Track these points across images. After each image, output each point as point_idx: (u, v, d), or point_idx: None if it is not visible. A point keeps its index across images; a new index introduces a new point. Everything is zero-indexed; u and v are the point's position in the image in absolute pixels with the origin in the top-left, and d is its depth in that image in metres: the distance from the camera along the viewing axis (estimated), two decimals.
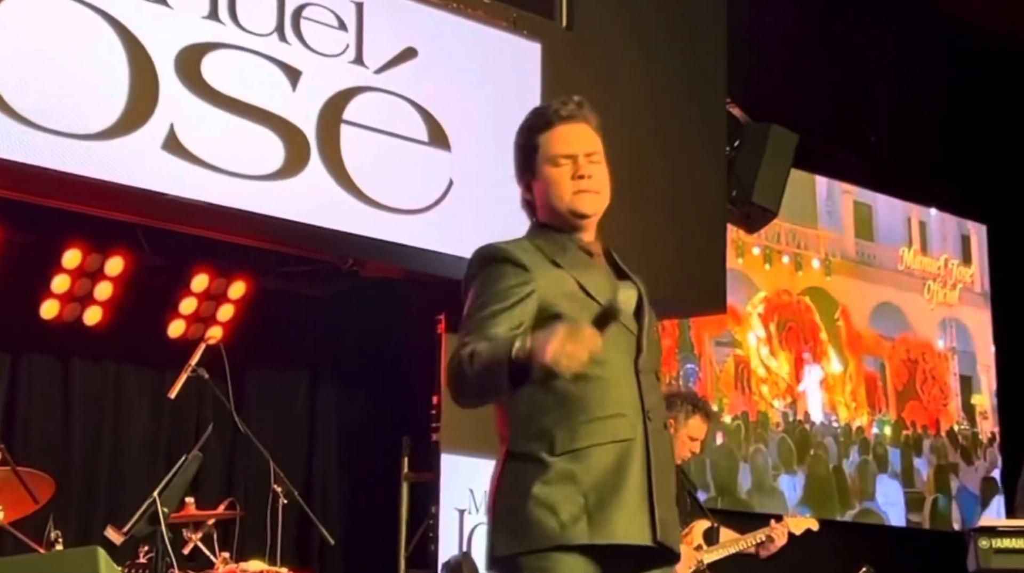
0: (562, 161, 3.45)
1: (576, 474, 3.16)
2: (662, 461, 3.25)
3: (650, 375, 3.32)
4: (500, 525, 3.22)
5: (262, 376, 7.80)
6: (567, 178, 3.45)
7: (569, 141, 3.46)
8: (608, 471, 3.17)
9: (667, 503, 3.24)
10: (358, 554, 7.85)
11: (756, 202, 8.48)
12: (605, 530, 3.13)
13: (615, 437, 3.21)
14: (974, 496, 10.90)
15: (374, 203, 6.77)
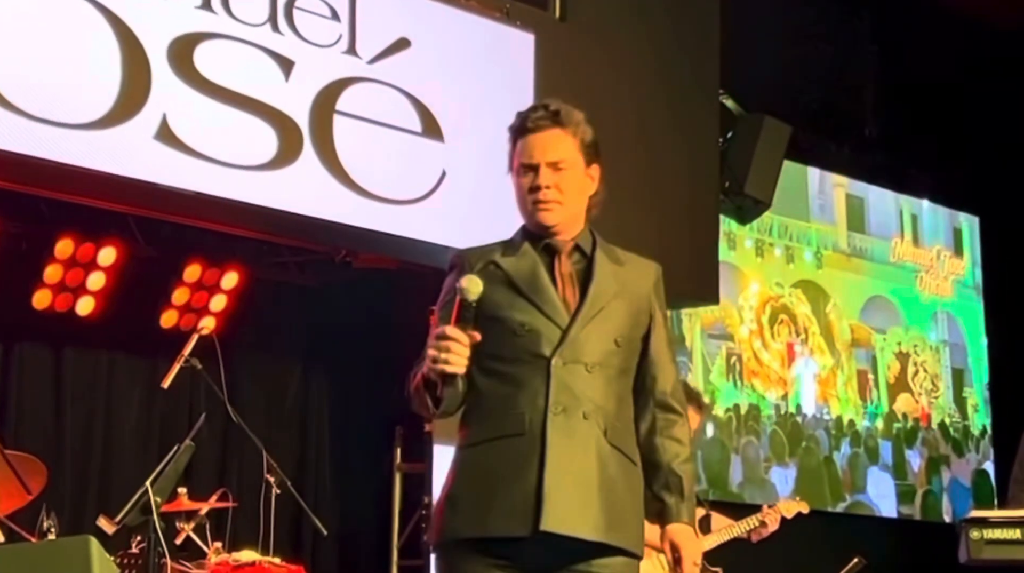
0: (525, 171, 3.46)
1: (472, 469, 3.30)
2: (571, 453, 3.26)
3: (576, 367, 3.33)
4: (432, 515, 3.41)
5: (255, 366, 7.80)
6: (526, 189, 3.46)
7: (532, 151, 3.45)
8: (493, 466, 3.27)
9: (575, 494, 3.24)
10: (351, 544, 7.86)
11: (749, 193, 8.50)
12: (480, 524, 3.24)
13: (503, 432, 3.28)
14: (966, 489, 10.93)
15: (367, 194, 6.77)
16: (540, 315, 3.35)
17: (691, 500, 3.46)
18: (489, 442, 3.29)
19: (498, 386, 3.32)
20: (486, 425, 3.31)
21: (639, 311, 3.49)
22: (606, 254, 3.58)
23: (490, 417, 3.31)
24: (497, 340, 3.31)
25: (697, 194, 8.25)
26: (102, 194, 6.31)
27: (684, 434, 3.48)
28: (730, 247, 9.41)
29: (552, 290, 3.41)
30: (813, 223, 10.33)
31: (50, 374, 7.14)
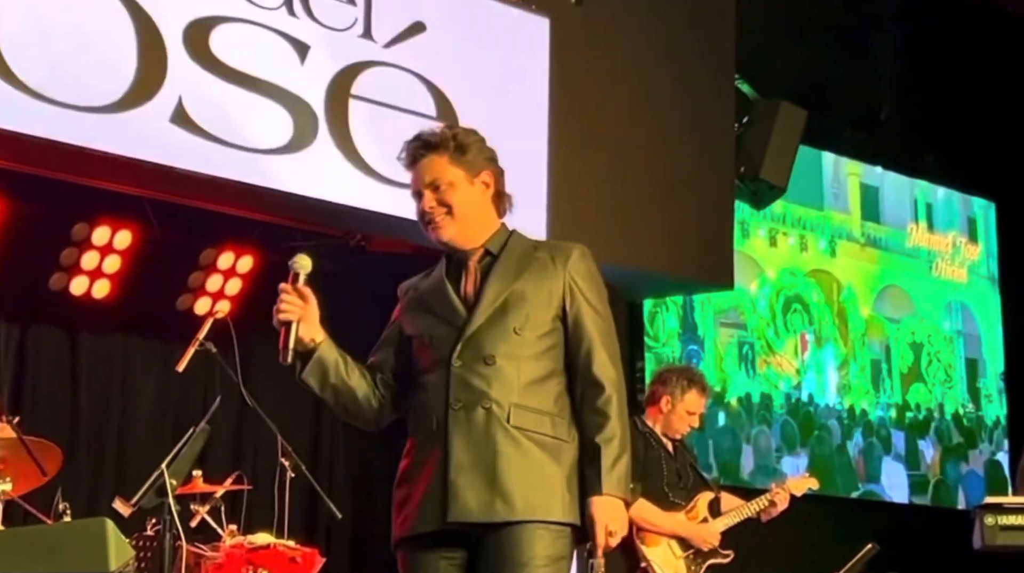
0: (415, 199, 3.79)
1: (401, 475, 3.61)
2: (471, 445, 3.49)
3: (476, 363, 3.55)
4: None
5: (269, 350, 7.72)
6: (417, 215, 3.80)
7: (413, 180, 3.76)
8: (410, 469, 3.58)
9: (482, 481, 3.46)
10: (365, 528, 7.87)
11: (764, 178, 8.48)
12: (405, 524, 3.54)
13: (418, 436, 3.60)
14: (980, 479, 10.89)
15: (382, 178, 6.77)
16: (442, 323, 3.63)
17: (614, 469, 3.52)
18: (412, 448, 3.59)
19: (418, 396, 3.62)
20: (410, 432, 3.62)
21: (550, 294, 3.64)
22: (516, 248, 3.76)
23: (412, 425, 3.61)
24: (417, 355, 3.66)
25: (712, 179, 8.24)
26: (118, 177, 6.32)
27: (608, 405, 3.56)
28: (744, 236, 9.39)
29: (451, 297, 3.68)
30: (827, 212, 10.30)
31: (66, 357, 7.16)
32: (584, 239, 7.72)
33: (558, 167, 7.45)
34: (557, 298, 3.64)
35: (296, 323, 3.79)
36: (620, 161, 7.74)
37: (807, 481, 6.65)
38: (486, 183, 3.80)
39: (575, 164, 7.53)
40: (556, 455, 3.52)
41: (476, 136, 3.81)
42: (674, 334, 9.14)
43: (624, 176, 7.76)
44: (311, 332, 3.84)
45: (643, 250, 7.86)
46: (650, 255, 7.92)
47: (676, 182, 7.99)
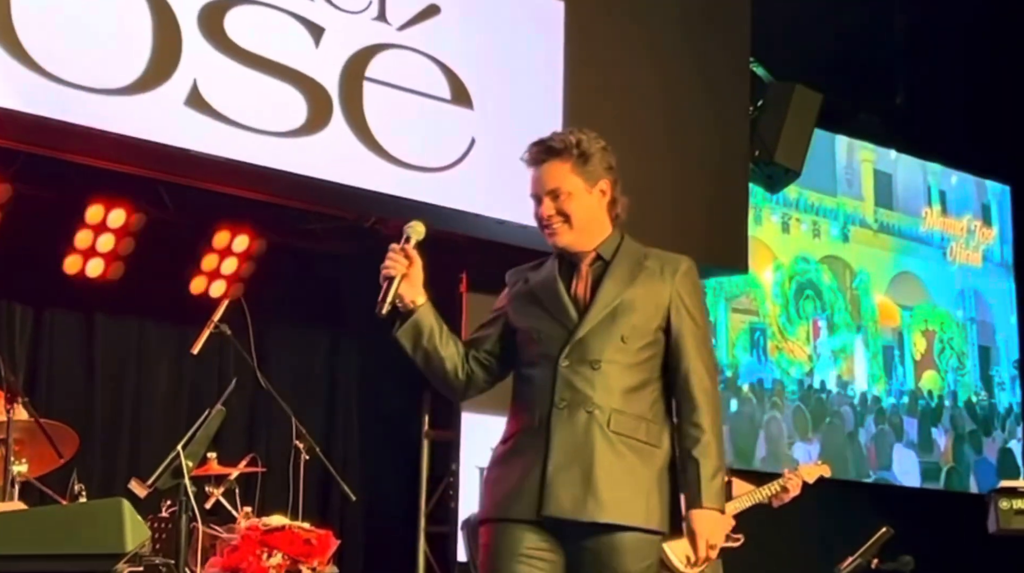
0: (534, 202, 3.90)
1: (500, 460, 3.79)
2: (573, 444, 3.66)
3: (581, 365, 3.72)
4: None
5: (283, 333, 7.82)
6: (535, 219, 3.91)
7: (533, 184, 3.88)
8: (508, 455, 3.76)
9: (578, 480, 3.64)
10: (378, 510, 7.89)
11: (779, 162, 8.45)
12: (497, 507, 3.72)
13: (521, 428, 3.76)
14: (992, 467, 10.86)
15: (396, 161, 6.77)
16: (553, 322, 3.77)
17: (712, 482, 3.67)
18: (513, 437, 3.76)
19: (522, 388, 3.79)
20: (512, 422, 3.79)
21: (656, 306, 3.77)
22: (627, 256, 3.89)
23: (515, 416, 3.78)
24: (523, 348, 3.80)
25: (727, 162, 8.22)
26: (132, 160, 6.33)
27: (704, 419, 3.71)
28: (756, 222, 9.36)
29: (564, 298, 3.80)
30: (840, 198, 10.28)
31: (81, 339, 7.18)
32: None
33: None
34: (663, 310, 3.77)
35: (398, 279, 3.94)
36: (634, 144, 7.72)
37: (819, 468, 6.64)
38: (603, 191, 3.93)
39: None
40: (648, 459, 3.69)
41: (599, 144, 3.97)
42: None
43: (638, 159, 7.74)
44: (412, 293, 4.01)
45: (657, 234, 7.76)
46: (664, 239, 7.81)
47: (691, 165, 7.98)
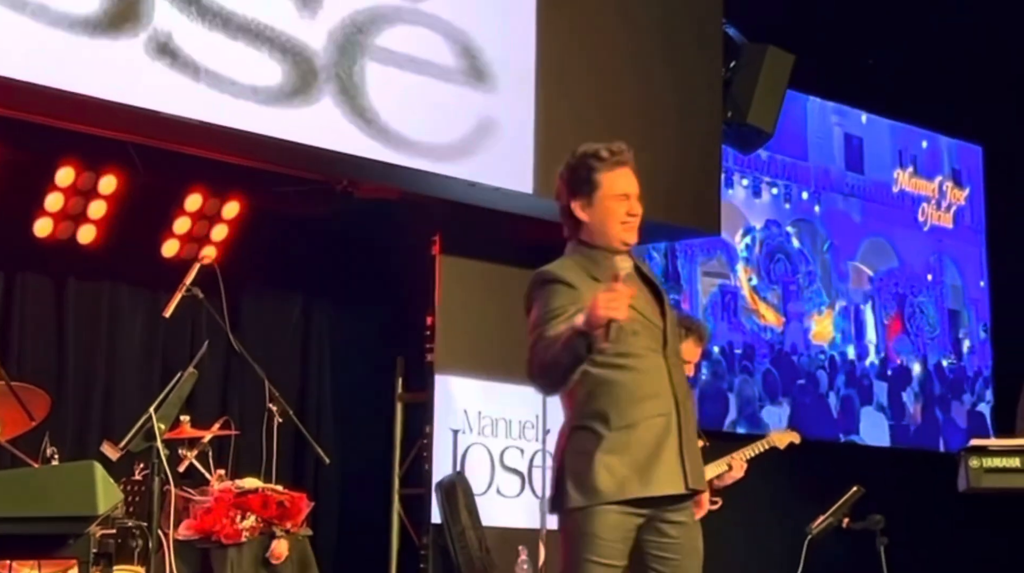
0: (621, 199, 4.28)
1: (627, 443, 4.08)
2: (689, 426, 4.18)
3: (676, 359, 4.23)
4: (570, 483, 4.10)
5: (256, 296, 7.81)
6: (622, 213, 4.28)
7: (628, 183, 4.32)
8: (650, 440, 4.10)
9: (695, 457, 4.18)
10: (352, 473, 7.90)
11: (751, 123, 8.46)
12: (651, 485, 4.08)
13: (654, 413, 4.11)
14: (961, 430, 10.92)
15: (370, 123, 6.74)
16: (643, 317, 4.15)
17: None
18: (643, 422, 4.09)
19: (631, 377, 4.11)
20: (632, 409, 4.09)
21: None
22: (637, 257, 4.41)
23: (633, 403, 4.10)
24: (622, 340, 4.04)
25: (700, 124, 8.22)
26: (104, 121, 6.29)
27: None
28: (727, 186, 9.37)
29: (649, 295, 4.25)
30: (812, 163, 10.29)
31: (52, 302, 7.14)
32: None
33: (545, 111, 7.43)
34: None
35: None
36: (608, 105, 7.72)
37: (789, 435, 6.67)
38: None
39: (562, 108, 7.50)
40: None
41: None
42: None
43: (612, 121, 7.74)
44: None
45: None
46: None
47: (664, 127, 7.97)
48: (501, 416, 8.10)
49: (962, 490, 5.82)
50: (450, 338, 7.90)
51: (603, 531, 4.07)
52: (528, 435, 8.17)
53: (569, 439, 4.16)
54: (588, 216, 4.32)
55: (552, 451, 4.34)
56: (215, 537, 5.58)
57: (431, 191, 7.36)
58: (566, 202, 4.33)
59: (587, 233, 4.34)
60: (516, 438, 8.17)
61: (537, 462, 7.92)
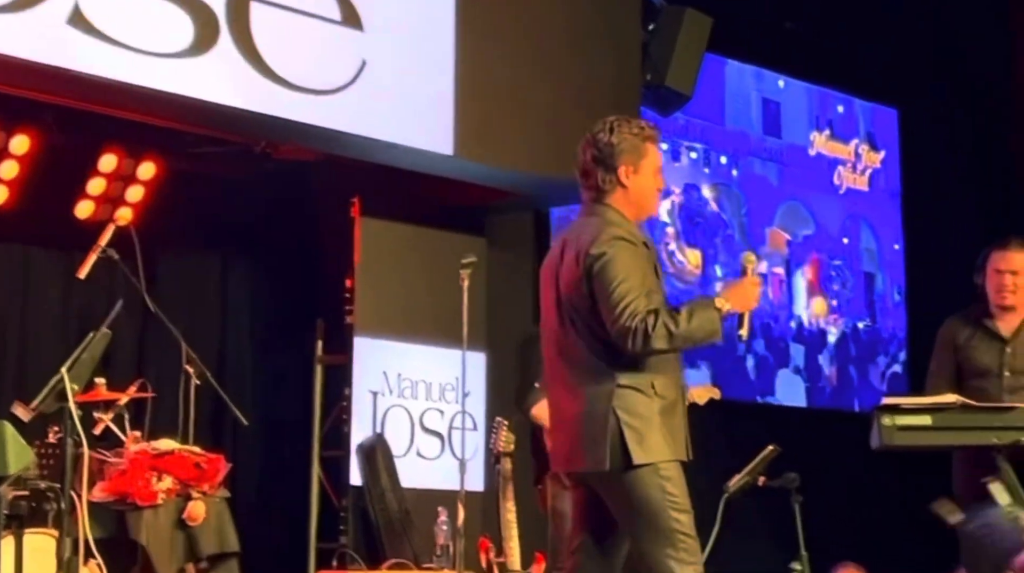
0: (659, 172, 4.58)
1: (669, 409, 4.42)
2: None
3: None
4: (632, 441, 4.33)
5: (174, 258, 7.75)
6: (658, 185, 4.60)
7: (660, 158, 4.61)
8: (678, 410, 4.47)
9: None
10: (272, 435, 7.88)
11: (670, 86, 8.49)
12: (683, 451, 4.46)
13: (677, 385, 4.50)
14: (876, 391, 11.05)
15: (286, 83, 6.69)
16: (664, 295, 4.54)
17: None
18: (671, 391, 4.44)
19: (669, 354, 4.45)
20: (668, 380, 4.44)
21: None
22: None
23: (668, 374, 4.44)
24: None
25: (619, 86, 8.24)
26: (15, 81, 6.20)
27: None
28: None
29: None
30: (729, 127, 10.33)
31: None
32: (490, 146, 7.77)
33: (465, 75, 7.41)
34: None
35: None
36: (527, 69, 7.71)
37: (709, 391, 6.72)
38: None
39: (482, 71, 7.49)
40: None
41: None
42: None
43: (531, 83, 7.74)
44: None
45: (550, 158, 7.85)
46: (557, 162, 7.89)
47: (583, 89, 7.98)
48: (421, 378, 8.11)
49: (875, 448, 5.89)
50: (370, 300, 7.89)
51: (677, 483, 4.37)
52: (448, 397, 8.18)
53: (615, 397, 4.35)
54: (631, 183, 4.48)
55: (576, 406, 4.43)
56: (130, 499, 5.54)
57: (349, 153, 7.32)
58: (613, 163, 4.48)
59: (621, 199, 4.49)
60: (436, 400, 8.18)
61: (457, 424, 7.94)
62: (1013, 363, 6.15)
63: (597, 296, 4.36)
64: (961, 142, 10.94)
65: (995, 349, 6.19)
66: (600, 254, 4.35)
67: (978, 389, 6.02)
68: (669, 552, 4.34)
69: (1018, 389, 6.10)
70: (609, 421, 4.33)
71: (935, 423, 5.70)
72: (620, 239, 4.38)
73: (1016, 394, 6.06)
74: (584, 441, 4.38)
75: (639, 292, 4.32)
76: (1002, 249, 6.16)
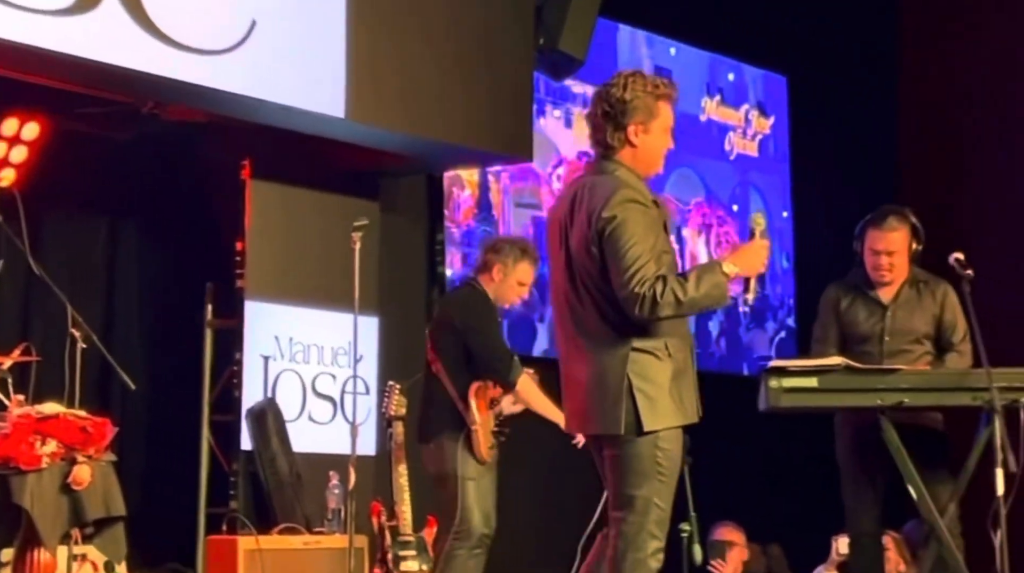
0: (669, 131, 4.57)
1: (681, 371, 4.52)
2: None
3: None
4: (643, 406, 4.42)
5: (59, 220, 7.61)
6: (667, 145, 4.59)
7: (672, 118, 4.59)
8: (689, 371, 4.58)
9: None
10: (161, 399, 7.79)
11: (563, 50, 8.50)
12: (693, 413, 4.59)
13: (688, 347, 4.60)
14: (767, 357, 11.17)
15: (174, 43, 6.59)
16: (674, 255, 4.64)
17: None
18: (683, 353, 4.56)
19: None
20: (679, 341, 4.55)
21: None
22: None
23: (679, 336, 4.55)
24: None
25: (512, 50, 8.23)
26: None
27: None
28: (540, 116, 9.37)
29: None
30: None
31: None
32: (383, 110, 7.73)
33: (357, 37, 7.36)
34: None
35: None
36: (419, 31, 7.67)
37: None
38: None
39: (374, 33, 7.44)
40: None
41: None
42: (469, 214, 9.14)
43: (424, 47, 7.70)
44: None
45: (442, 122, 7.84)
46: (449, 127, 7.90)
47: (476, 52, 7.96)
48: (313, 342, 8.07)
49: (762, 410, 5.99)
50: (261, 264, 7.83)
51: (676, 454, 4.50)
52: (340, 362, 8.15)
53: (631, 362, 4.42)
54: (640, 142, 4.50)
55: (590, 369, 4.51)
56: (13, 463, 5.43)
57: (239, 115, 7.24)
58: (622, 121, 4.49)
59: (630, 157, 4.52)
60: (328, 365, 8.15)
61: (349, 388, 7.91)
62: (893, 327, 6.28)
63: (608, 260, 4.40)
64: (848, 110, 11.09)
65: (876, 315, 6.32)
66: (611, 217, 4.39)
67: (861, 353, 6.15)
68: (642, 521, 4.46)
69: (898, 352, 6.24)
70: (623, 386, 4.42)
71: (821, 385, 5.82)
72: (632, 202, 4.42)
73: (896, 357, 6.20)
74: (599, 405, 4.48)
75: (649, 257, 4.36)
76: (878, 228, 6.26)
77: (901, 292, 6.31)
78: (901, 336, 6.26)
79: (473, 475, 6.34)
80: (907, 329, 6.25)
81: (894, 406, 5.88)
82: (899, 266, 6.26)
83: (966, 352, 6.23)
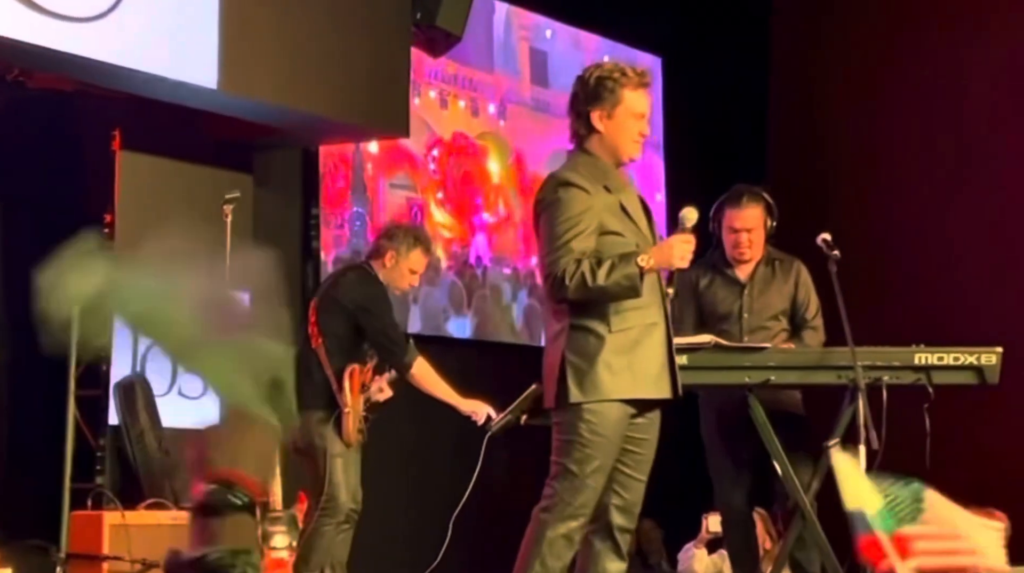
0: (637, 118, 4.67)
1: (626, 346, 4.55)
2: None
3: (661, 272, 4.67)
4: (572, 380, 4.54)
5: None
6: (635, 131, 4.68)
7: (644, 104, 4.71)
8: (646, 345, 4.60)
9: (674, 366, 4.73)
10: (23, 374, 7.64)
11: (440, 26, 8.49)
12: (648, 388, 4.61)
13: (648, 321, 4.61)
14: None
15: (42, 9, 6.45)
16: (642, 237, 4.69)
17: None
18: (639, 327, 4.59)
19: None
20: (631, 315, 4.57)
21: None
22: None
23: (632, 309, 4.56)
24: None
25: (389, 25, 8.20)
26: None
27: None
28: (415, 96, 9.34)
29: (643, 217, 4.75)
30: (497, 75, 10.34)
31: None
32: (258, 83, 7.65)
33: (230, 6, 7.27)
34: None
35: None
36: (296, 2, 7.61)
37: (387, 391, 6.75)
38: None
39: (247, 4, 7.37)
40: None
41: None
42: (343, 194, 9.08)
43: (300, 18, 7.64)
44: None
45: (318, 95, 7.79)
46: (325, 101, 7.85)
47: (352, 27, 7.91)
48: None
49: None
50: (130, 236, 7.68)
51: (604, 427, 4.54)
52: None
53: (569, 338, 4.56)
54: (604, 127, 4.66)
55: (545, 348, 4.73)
56: None
57: (109, 83, 7.12)
58: (584, 108, 4.68)
59: (597, 143, 4.69)
60: None
61: None
62: (751, 305, 6.41)
63: (538, 240, 4.65)
64: (720, 92, 11.21)
65: (734, 293, 6.44)
66: (541, 199, 4.62)
67: (721, 332, 6.25)
68: (559, 487, 4.62)
69: (757, 329, 6.37)
70: (558, 360, 4.59)
71: (690, 363, 5.89)
72: (567, 184, 4.57)
73: (756, 334, 6.33)
74: (547, 381, 4.70)
75: (569, 239, 4.50)
76: (736, 207, 6.38)
77: (757, 270, 6.44)
78: (759, 313, 6.40)
79: (340, 452, 6.37)
80: (765, 306, 6.39)
81: (761, 384, 5.99)
82: (757, 243, 6.40)
83: (819, 327, 6.42)
